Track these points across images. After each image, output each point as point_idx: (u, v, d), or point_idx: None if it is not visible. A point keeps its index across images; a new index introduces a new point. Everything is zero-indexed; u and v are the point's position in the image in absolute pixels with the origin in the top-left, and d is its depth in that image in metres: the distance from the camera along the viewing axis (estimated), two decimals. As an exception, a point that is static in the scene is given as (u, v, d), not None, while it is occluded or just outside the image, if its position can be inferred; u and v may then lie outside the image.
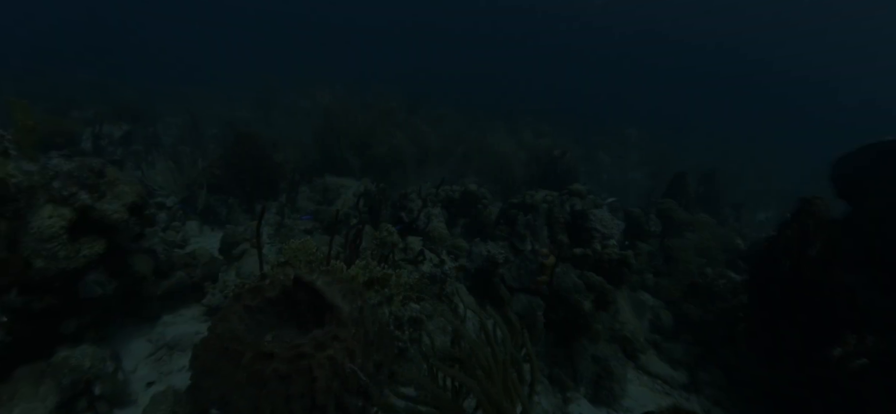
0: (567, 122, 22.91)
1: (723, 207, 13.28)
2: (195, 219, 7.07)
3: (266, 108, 20.49)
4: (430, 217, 6.16)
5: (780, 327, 4.89)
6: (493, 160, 11.94)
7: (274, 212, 7.10)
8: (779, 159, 22.07)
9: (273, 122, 17.66)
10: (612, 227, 6.01)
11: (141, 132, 13.79)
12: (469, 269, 5.34)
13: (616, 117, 25.45)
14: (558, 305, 4.63)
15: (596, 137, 21.58)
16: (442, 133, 12.98)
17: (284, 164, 9.17)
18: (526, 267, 5.22)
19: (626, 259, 5.49)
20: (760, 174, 20.45)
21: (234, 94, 24.35)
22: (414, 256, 5.18)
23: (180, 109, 17.24)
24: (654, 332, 5.66)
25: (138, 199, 3.61)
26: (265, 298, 3.12)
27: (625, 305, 5.52)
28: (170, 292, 4.67)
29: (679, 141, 22.64)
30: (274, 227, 6.77)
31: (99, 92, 19.98)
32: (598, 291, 5.06)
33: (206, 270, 4.86)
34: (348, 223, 7.00)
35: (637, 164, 14.27)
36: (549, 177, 10.79)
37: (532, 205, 6.61)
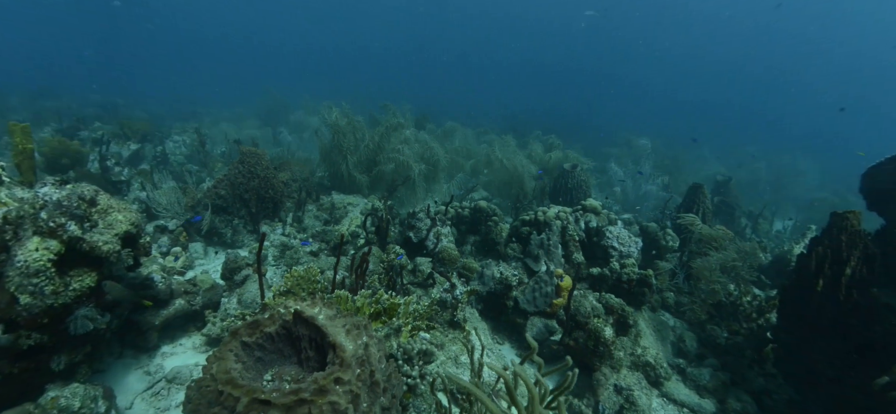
0: (577, 134, 22.71)
1: (738, 217, 12.93)
2: (200, 241, 6.91)
3: (274, 126, 20.51)
4: (440, 237, 5.94)
5: (814, 350, 4.59)
6: (502, 175, 11.71)
7: (279, 233, 6.92)
8: (794, 167, 21.58)
9: (281, 140, 17.65)
10: (630, 244, 5.74)
11: (150, 151, 13.82)
12: (481, 292, 5.10)
13: (626, 128, 25.14)
14: (576, 330, 4.37)
15: (606, 149, 21.29)
16: (451, 148, 12.80)
17: (290, 182, 9.02)
18: (541, 289, 4.97)
19: (646, 279, 5.21)
20: (775, 182, 20.03)
21: (243, 111, 24.47)
22: (423, 279, 4.96)
23: (190, 128, 17.27)
24: (678, 356, 5.36)
25: (132, 228, 3.43)
26: (264, 333, 2.90)
27: (646, 327, 5.24)
28: (169, 322, 4.47)
29: (691, 150, 22.27)
30: (279, 248, 6.58)
31: (109, 113, 20.15)
32: (617, 314, 4.80)
33: (207, 297, 4.66)
34: (356, 242, 6.80)
35: (650, 176, 13.93)
36: (559, 191, 10.53)
37: (545, 222, 6.36)
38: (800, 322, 4.66)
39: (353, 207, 8.97)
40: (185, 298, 4.58)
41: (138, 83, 37.33)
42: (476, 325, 4.62)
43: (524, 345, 5.02)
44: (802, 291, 4.57)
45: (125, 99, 25.27)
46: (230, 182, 7.09)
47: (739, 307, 5.62)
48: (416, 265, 5.49)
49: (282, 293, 3.56)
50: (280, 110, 22.23)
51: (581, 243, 5.99)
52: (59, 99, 21.37)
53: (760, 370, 5.44)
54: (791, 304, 4.75)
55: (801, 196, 19.01)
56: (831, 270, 4.46)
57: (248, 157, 7.06)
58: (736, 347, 5.21)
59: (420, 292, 4.87)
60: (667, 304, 6.27)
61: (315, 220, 8.41)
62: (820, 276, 4.49)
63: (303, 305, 2.87)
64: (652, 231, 7.39)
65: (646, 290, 5.27)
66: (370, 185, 10.17)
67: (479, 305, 5.23)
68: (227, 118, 22.63)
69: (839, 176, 23.29)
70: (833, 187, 19.64)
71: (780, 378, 5.40)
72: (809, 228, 7.80)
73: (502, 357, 4.78)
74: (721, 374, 4.95)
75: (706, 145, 26.24)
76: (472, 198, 12.38)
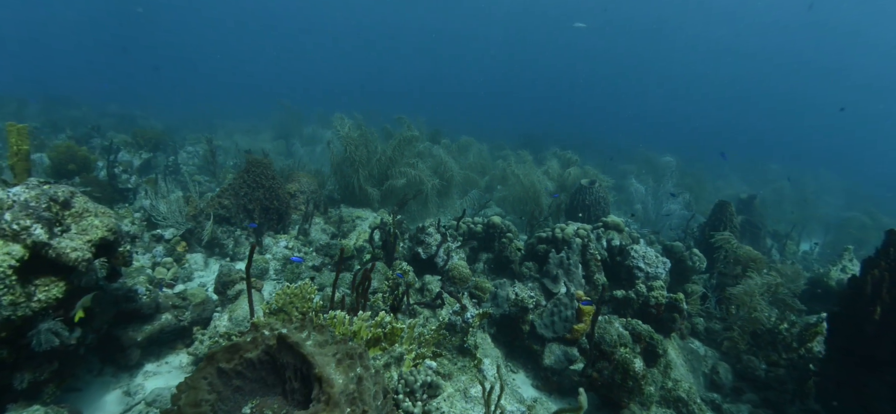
0: (591, 152, 22.23)
1: (763, 238, 12.32)
2: (201, 251, 6.61)
3: (288, 139, 20.42)
4: (450, 253, 5.54)
5: (869, 386, 4.07)
6: (518, 190, 11.30)
7: (283, 245, 6.59)
8: (818, 184, 20.80)
9: (294, 152, 17.49)
10: (658, 265, 5.28)
11: (162, 161, 13.72)
12: (494, 315, 4.67)
13: (643, 146, 24.56)
14: (601, 361, 3.92)
15: (623, 166, 20.76)
16: (465, 163, 12.45)
17: (298, 194, 8.73)
18: (560, 313, 4.53)
19: (676, 303, 4.75)
20: (800, 201, 19.28)
21: (258, 124, 24.51)
22: (431, 299, 4.56)
23: (203, 139, 17.22)
24: (712, 389, 4.86)
25: (109, 235, 3.10)
26: (244, 359, 2.53)
27: (676, 357, 4.76)
28: (154, 338, 4.13)
29: (713, 169, 21.63)
30: (281, 261, 6.24)
31: (127, 123, 20.25)
32: (645, 343, 4.34)
33: (197, 312, 4.32)
34: (362, 258, 6.43)
35: (674, 195, 13.39)
36: (577, 208, 10.07)
37: (564, 239, 5.93)
38: (852, 354, 4.16)
39: (362, 220, 8.63)
40: (173, 312, 4.24)
41: (157, 95, 37.90)
42: (489, 352, 4.19)
43: (540, 373, 4.58)
44: (855, 319, 4.07)
45: (143, 110, 25.49)
46: (234, 191, 6.80)
47: (779, 336, 5.11)
48: (424, 284, 5.10)
49: (272, 312, 3.19)
50: (294, 124, 22.16)
51: (603, 263, 5.54)
52: (79, 108, 21.58)
53: (802, 406, 4.92)
54: (841, 333, 4.24)
55: (828, 215, 18.25)
56: (890, 295, 3.96)
57: (254, 167, 6.78)
58: (777, 381, 4.69)
59: (427, 314, 4.47)
60: (696, 330, 5.77)
61: (322, 233, 8.08)
62: (877, 301, 3.98)
63: (289, 329, 2.49)
64: (677, 251, 6.90)
65: (676, 315, 4.80)
66: (381, 199, 9.84)
67: (492, 329, 4.80)
68: (242, 130, 22.63)
69: (865, 195, 22.42)
70: (861, 206, 18.82)
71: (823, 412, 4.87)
72: (847, 249, 7.23)
73: (516, 388, 4.34)
74: (761, 412, 4.44)
75: (727, 163, 25.55)
76: (485, 214, 11.98)
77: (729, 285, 6.26)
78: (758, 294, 4.86)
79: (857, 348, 4.12)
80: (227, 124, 24.76)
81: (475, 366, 3.81)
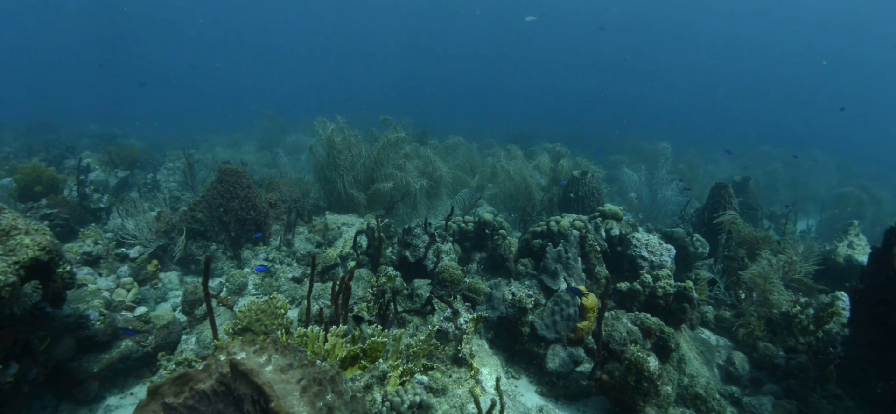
0: (581, 145, 21.95)
1: (760, 219, 12.08)
2: (175, 269, 6.18)
3: (271, 148, 19.95)
4: (440, 254, 5.16)
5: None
6: (509, 186, 10.94)
7: (263, 258, 6.17)
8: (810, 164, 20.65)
9: (279, 163, 17.03)
10: (662, 252, 4.93)
11: (141, 179, 13.24)
12: (490, 318, 4.29)
13: (636, 135, 24.35)
14: (610, 361, 3.55)
15: (614, 156, 20.51)
16: (454, 163, 12.06)
17: (279, 203, 8.31)
18: (562, 311, 4.16)
19: (686, 292, 4.40)
20: (793, 181, 19.12)
21: (241, 137, 24.01)
22: (421, 305, 4.18)
23: (183, 155, 16.73)
24: (729, 381, 4.51)
25: (43, 255, 2.69)
26: (195, 391, 2.13)
27: (689, 350, 4.41)
28: (114, 367, 3.71)
29: (704, 154, 21.44)
30: (261, 275, 5.82)
31: (105, 142, 19.66)
32: (656, 337, 3.98)
33: (162, 336, 3.90)
34: (347, 265, 6.04)
35: (666, 180, 13.11)
36: (570, 200, 9.74)
37: (560, 232, 5.57)
38: (881, 334, 3.82)
39: (349, 227, 8.23)
40: (135, 338, 3.82)
41: (142, 113, 37.22)
42: (486, 360, 3.81)
43: (544, 378, 4.20)
44: (882, 295, 3.74)
45: (124, 129, 24.89)
46: (208, 203, 6.38)
47: (795, 320, 4.77)
48: (413, 289, 4.71)
49: (237, 332, 2.79)
50: (278, 134, 21.69)
51: (603, 254, 5.19)
52: (57, 131, 20.96)
53: (823, 392, 4.58)
54: (866, 311, 3.91)
55: (822, 194, 18.08)
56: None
57: (227, 176, 6.36)
58: (800, 369, 4.35)
59: (418, 321, 4.09)
60: (705, 319, 5.43)
61: (306, 242, 7.67)
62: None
63: (247, 352, 2.10)
64: (678, 237, 6.57)
65: (686, 305, 4.44)
66: (367, 203, 9.44)
67: (489, 333, 4.42)
68: (224, 144, 22.13)
69: (857, 171, 22.32)
70: (855, 182, 18.67)
71: (848, 399, 4.54)
72: (852, 224, 6.93)
73: (519, 396, 3.96)
74: (786, 403, 4.10)
75: (717, 148, 25.40)
76: (477, 213, 11.61)
77: (736, 269, 5.93)
78: (774, 275, 4.53)
79: (885, 326, 3.79)
80: (210, 139, 24.24)
81: (472, 377, 3.43)
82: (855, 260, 6.37)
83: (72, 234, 6.92)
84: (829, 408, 4.33)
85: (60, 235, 6.83)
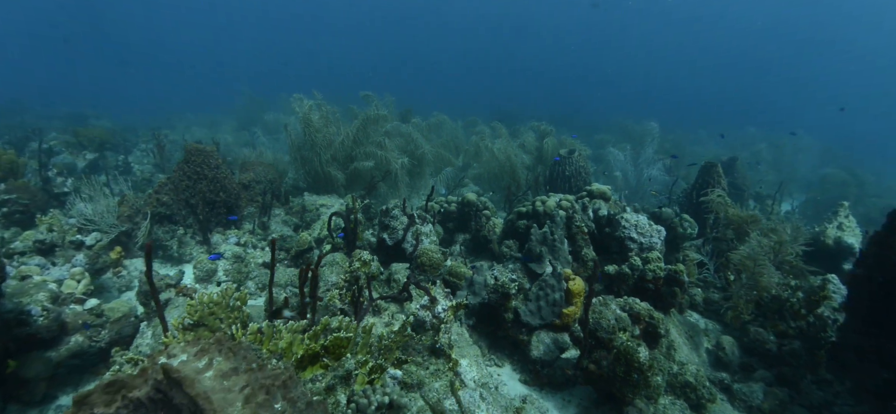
0: (567, 125, 21.70)
1: (747, 199, 12.04)
2: (142, 256, 5.83)
3: (250, 127, 19.37)
4: (420, 237, 4.90)
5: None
6: (493, 166, 10.67)
7: (233, 242, 5.85)
8: (795, 144, 20.72)
9: (257, 142, 16.51)
10: (652, 234, 4.73)
11: (112, 161, 12.70)
12: (471, 304, 4.06)
13: (622, 114, 24.17)
14: (598, 350, 3.34)
15: (600, 135, 20.33)
16: (437, 141, 11.73)
17: (253, 184, 7.95)
18: (547, 297, 3.94)
19: (676, 275, 4.21)
20: (777, 162, 19.18)
21: (220, 117, 23.29)
22: (397, 291, 3.92)
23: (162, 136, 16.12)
24: (718, 367, 4.36)
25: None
26: (129, 399, 1.86)
27: (678, 335, 4.23)
28: (65, 365, 3.41)
29: (690, 134, 21.37)
30: (231, 261, 5.51)
31: (76, 124, 18.86)
32: (645, 323, 3.79)
33: (116, 329, 3.60)
34: (323, 249, 5.75)
35: (652, 159, 12.95)
36: (556, 179, 9.52)
37: (546, 213, 5.33)
38: (877, 319, 3.67)
39: (328, 208, 7.91)
40: (88, 333, 3.51)
41: (120, 93, 35.96)
42: (466, 350, 3.58)
43: (528, 366, 4.00)
44: (881, 280, 3.57)
45: (96, 110, 23.94)
46: (174, 186, 6.01)
47: (786, 303, 4.62)
48: (391, 274, 4.45)
49: (187, 328, 2.51)
50: (258, 112, 21.04)
51: (590, 236, 4.98)
52: (26, 113, 20.08)
53: (814, 377, 4.46)
54: (863, 297, 3.75)
55: (805, 175, 18.16)
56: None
57: (193, 156, 5.99)
58: (792, 355, 4.20)
59: (394, 309, 3.84)
60: (694, 302, 5.27)
61: (283, 225, 7.35)
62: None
63: (187, 355, 1.82)
64: (667, 217, 6.39)
65: (676, 289, 4.26)
66: (347, 183, 9.11)
67: (471, 320, 4.19)
68: (202, 124, 21.42)
69: (840, 154, 22.45)
70: (837, 163, 18.78)
71: (837, 385, 4.42)
72: (842, 205, 6.81)
73: (502, 384, 3.75)
74: (777, 390, 3.95)
75: (704, 128, 25.38)
76: (461, 192, 11.34)
77: (725, 250, 5.77)
78: (763, 257, 4.36)
79: (886, 315, 3.63)
80: (188, 118, 23.48)
81: (451, 369, 3.20)
82: (844, 242, 6.26)
83: (32, 220, 6.52)
84: (820, 393, 4.21)
85: (20, 222, 6.42)
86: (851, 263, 6.32)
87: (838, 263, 6.34)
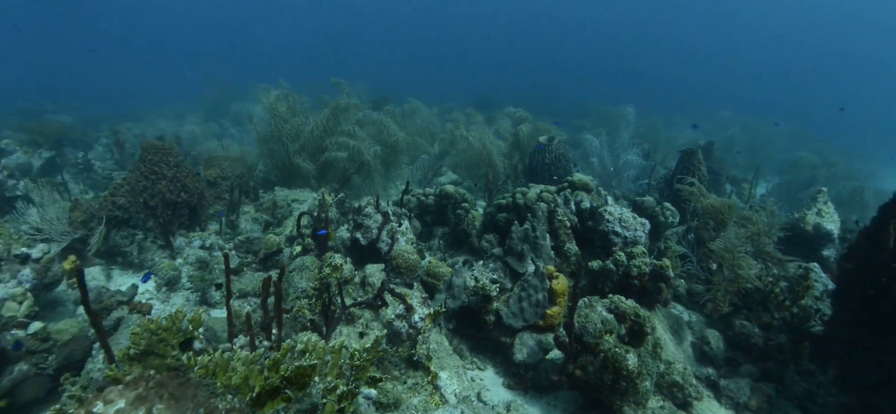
0: (543, 111, 21.56)
1: (723, 183, 12.11)
2: (99, 263, 5.46)
3: (219, 118, 18.71)
4: (395, 236, 4.66)
5: (891, 347, 3.50)
6: (469, 154, 10.47)
7: (198, 245, 5.51)
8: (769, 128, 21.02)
9: (227, 134, 15.91)
10: (636, 227, 4.59)
11: (72, 159, 12.03)
12: (451, 308, 3.85)
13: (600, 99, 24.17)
14: (584, 355, 3.18)
15: (577, 121, 20.25)
16: (412, 128, 11.44)
17: (220, 180, 7.57)
18: (529, 297, 3.76)
19: (662, 271, 4.08)
20: (751, 145, 19.42)
21: (188, 107, 22.42)
22: (373, 296, 3.69)
23: (122, 130, 15.36)
24: (703, 361, 4.27)
25: None
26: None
27: (664, 332, 4.11)
28: (8, 397, 3.09)
29: (665, 117, 21.45)
30: (195, 264, 5.19)
31: (33, 119, 17.89)
32: (631, 322, 3.64)
33: (65, 354, 3.28)
34: (294, 252, 5.46)
35: (628, 144, 12.91)
36: (536, 168, 9.36)
37: (526, 206, 5.15)
38: (868, 313, 3.59)
39: (300, 203, 7.59)
40: (31, 359, 3.19)
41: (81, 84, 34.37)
42: (446, 361, 3.38)
43: (511, 369, 3.83)
44: (872, 275, 3.48)
45: (56, 104, 22.77)
46: (131, 187, 5.63)
47: (770, 294, 4.55)
48: (365, 276, 4.21)
49: (131, 358, 2.24)
50: (228, 102, 20.31)
51: (573, 229, 4.82)
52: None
53: (796, 368, 4.41)
54: (854, 290, 3.67)
55: (778, 158, 18.43)
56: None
57: (150, 154, 5.60)
58: (778, 350, 4.13)
59: (369, 316, 3.61)
60: (678, 293, 5.18)
61: (253, 223, 7.02)
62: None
63: (123, 402, 1.57)
64: (648, 206, 6.28)
65: (662, 285, 4.13)
66: (318, 175, 8.78)
67: (451, 323, 3.99)
68: (168, 115, 20.59)
69: (811, 136, 22.87)
70: (810, 147, 19.10)
71: (820, 374, 4.37)
72: (820, 191, 6.81)
73: (485, 390, 3.57)
74: (764, 386, 3.87)
75: (678, 111, 25.55)
76: (439, 182, 11.11)
77: (706, 240, 5.69)
78: (740, 248, 4.27)
79: (873, 307, 3.54)
80: (155, 110, 22.53)
81: (430, 382, 2.99)
82: (823, 228, 6.26)
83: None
84: (804, 385, 4.15)
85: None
86: (831, 250, 6.34)
87: (817, 249, 6.35)
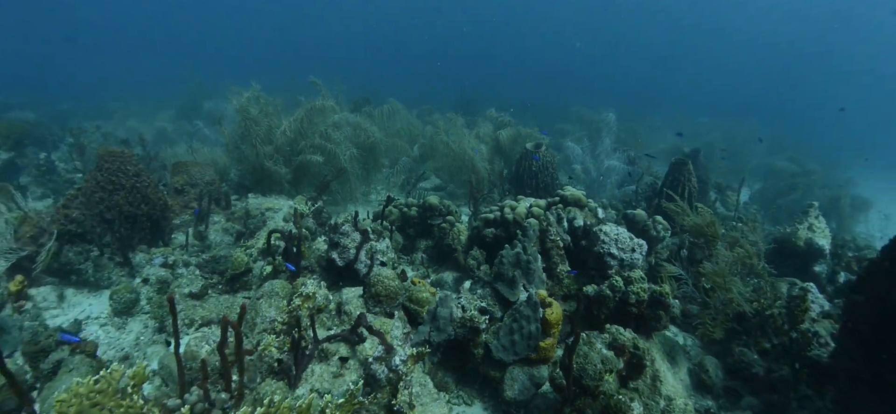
0: (524, 116, 21.36)
1: (707, 191, 12.03)
2: (51, 282, 4.98)
3: (191, 117, 17.98)
4: (375, 256, 4.30)
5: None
6: (450, 159, 10.15)
7: (159, 263, 5.06)
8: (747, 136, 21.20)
9: (199, 134, 15.26)
10: (634, 248, 4.33)
11: (33, 159, 11.31)
12: (436, 341, 3.52)
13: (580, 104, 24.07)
14: (582, 397, 2.88)
15: (559, 125, 20.12)
16: (392, 130, 11.08)
17: (187, 188, 7.10)
18: (521, 329, 3.45)
19: (661, 298, 3.81)
20: (730, 152, 19.54)
21: (160, 104, 21.54)
22: (349, 330, 3.33)
23: (91, 128, 14.60)
24: (701, 391, 4.02)
25: None
26: None
27: (661, 362, 3.85)
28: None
29: (646, 122, 21.47)
30: (155, 285, 4.74)
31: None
32: (629, 355, 3.36)
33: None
34: (263, 274, 5.04)
35: (610, 150, 12.74)
36: (523, 176, 9.08)
37: (516, 222, 4.85)
38: (877, 348, 3.37)
39: (275, 212, 7.18)
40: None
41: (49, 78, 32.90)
42: (430, 408, 3.03)
43: (501, 407, 3.52)
44: (884, 308, 3.25)
45: (25, 98, 21.57)
46: (87, 198, 5.15)
47: (768, 318, 4.34)
48: (341, 302, 3.84)
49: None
50: (201, 100, 19.55)
51: (566, 250, 4.53)
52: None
53: (794, 394, 4.21)
54: (863, 323, 3.44)
55: (757, 164, 18.56)
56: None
57: (107, 162, 5.12)
58: (782, 383, 3.90)
59: (345, 351, 3.24)
60: (673, 315, 4.94)
61: (224, 234, 6.56)
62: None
63: None
64: (640, 220, 6.05)
65: (661, 313, 3.87)
66: (293, 179, 8.35)
67: (436, 357, 3.66)
68: (140, 113, 19.73)
69: (788, 143, 23.16)
70: (786, 155, 19.30)
71: (817, 400, 4.17)
72: (812, 205, 6.66)
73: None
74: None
75: (658, 115, 25.63)
76: (421, 188, 10.76)
77: (699, 259, 5.47)
78: (729, 272, 4.06)
79: (883, 342, 3.32)
80: (128, 105, 21.60)
81: (413, 435, 2.66)
82: (815, 243, 6.11)
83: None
84: (804, 413, 3.95)
85: None
86: (822, 266, 6.21)
87: (808, 264, 6.21)
